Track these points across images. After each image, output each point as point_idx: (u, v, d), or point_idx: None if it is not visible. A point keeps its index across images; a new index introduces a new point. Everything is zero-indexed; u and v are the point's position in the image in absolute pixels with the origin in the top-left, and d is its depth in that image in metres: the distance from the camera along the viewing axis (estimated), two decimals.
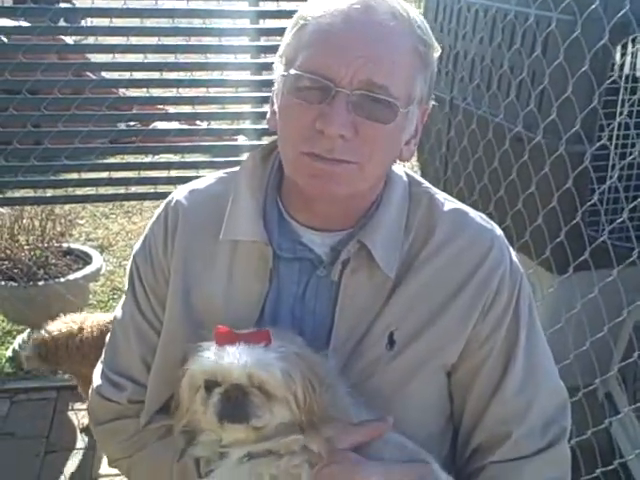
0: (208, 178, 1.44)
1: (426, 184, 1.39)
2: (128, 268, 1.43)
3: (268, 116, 1.32)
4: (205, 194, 1.40)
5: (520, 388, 1.32)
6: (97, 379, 1.42)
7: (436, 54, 1.26)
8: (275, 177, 1.37)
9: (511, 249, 1.38)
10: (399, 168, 1.38)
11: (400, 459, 1.22)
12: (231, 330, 1.16)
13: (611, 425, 2.41)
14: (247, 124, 4.11)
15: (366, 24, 1.17)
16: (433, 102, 1.31)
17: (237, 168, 1.41)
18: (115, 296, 4.71)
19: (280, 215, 1.35)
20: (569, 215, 2.45)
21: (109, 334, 1.45)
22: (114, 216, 6.06)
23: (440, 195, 1.38)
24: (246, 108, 4.01)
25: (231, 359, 1.11)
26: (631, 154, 2.38)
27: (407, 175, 1.39)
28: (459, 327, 1.30)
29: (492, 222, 1.38)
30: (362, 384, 1.26)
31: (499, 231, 1.37)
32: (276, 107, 1.27)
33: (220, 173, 1.44)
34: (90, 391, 1.43)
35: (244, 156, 3.82)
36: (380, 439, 1.21)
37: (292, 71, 1.19)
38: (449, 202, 1.37)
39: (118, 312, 1.44)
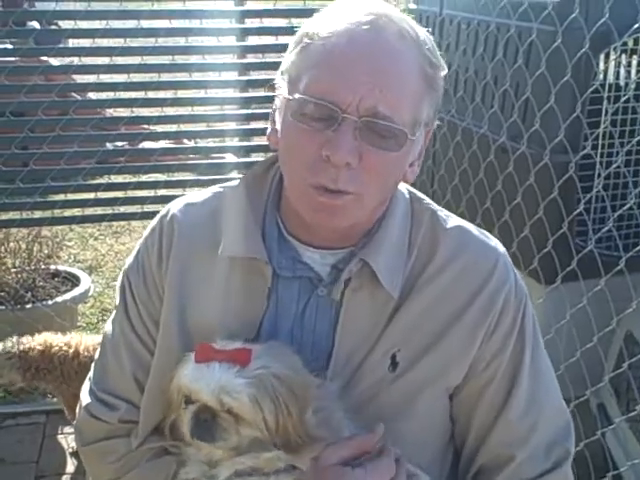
0: (205, 192, 1.40)
1: (427, 200, 1.36)
2: (119, 282, 1.39)
3: (268, 132, 1.28)
4: (202, 208, 1.36)
5: (525, 410, 1.29)
6: (86, 397, 1.37)
7: (443, 74, 1.22)
8: (275, 193, 1.34)
9: (514, 268, 1.34)
10: (401, 185, 1.34)
11: None
12: (211, 347, 1.15)
13: (604, 436, 2.39)
14: (235, 141, 4.10)
15: (373, 45, 1.13)
16: (437, 122, 1.28)
17: (234, 183, 1.38)
18: (104, 317, 4.66)
19: (279, 232, 1.31)
20: (556, 225, 2.44)
21: (98, 350, 1.41)
22: (102, 237, 6.03)
23: (442, 212, 1.35)
24: (232, 125, 4.00)
25: (202, 381, 1.11)
26: (616, 162, 2.37)
27: (409, 191, 1.36)
28: (464, 348, 1.27)
29: (495, 239, 1.35)
30: (364, 406, 1.23)
31: (502, 249, 1.34)
32: (278, 125, 1.23)
33: (217, 187, 1.40)
34: (78, 409, 1.39)
35: (232, 174, 3.82)
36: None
37: (297, 95, 1.15)
38: (451, 219, 1.34)
39: (108, 328, 1.40)
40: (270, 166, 1.36)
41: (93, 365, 1.41)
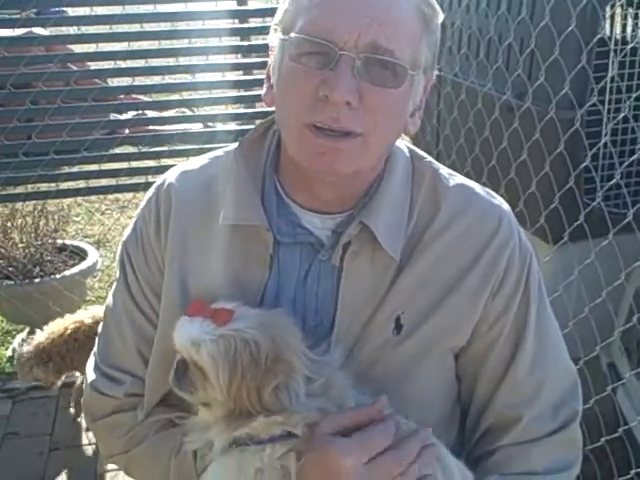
0: (201, 159, 1.37)
1: (429, 158, 1.32)
2: (118, 255, 1.37)
3: (264, 92, 1.25)
4: (199, 176, 1.33)
5: (530, 370, 1.27)
6: (91, 373, 1.37)
7: (439, 20, 1.19)
8: (273, 156, 1.30)
9: (519, 226, 1.32)
10: (400, 142, 1.31)
11: None
12: (202, 304, 1.15)
13: (615, 393, 2.37)
14: (241, 108, 4.06)
15: None
16: (437, 72, 1.25)
17: (230, 148, 1.35)
18: None
19: (278, 196, 1.28)
20: (563, 182, 2.39)
21: (101, 324, 1.40)
22: (109, 212, 6.03)
23: (444, 170, 1.31)
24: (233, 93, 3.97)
25: (181, 332, 1.14)
26: (623, 117, 2.32)
27: (409, 149, 1.32)
28: (468, 308, 1.24)
29: (499, 197, 1.32)
30: (368, 371, 1.22)
31: (507, 207, 1.31)
32: (273, 80, 1.20)
33: (213, 154, 1.37)
34: (84, 386, 1.39)
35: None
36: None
37: (292, 35, 1.12)
38: (454, 177, 1.31)
39: (110, 302, 1.38)
40: (267, 130, 1.33)
41: (97, 340, 1.40)
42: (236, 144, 1.34)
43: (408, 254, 1.23)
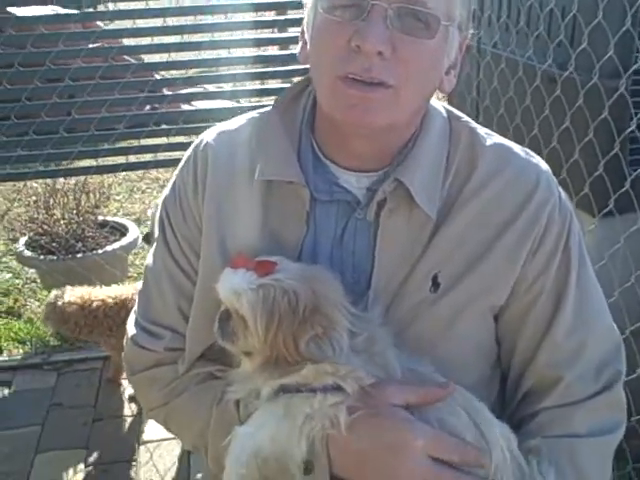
0: (239, 119, 1.37)
1: (466, 118, 1.31)
2: (157, 214, 1.39)
3: (299, 49, 1.27)
4: (236, 135, 1.34)
5: (571, 330, 1.26)
6: (132, 328, 1.39)
7: None
8: (309, 115, 1.31)
9: (559, 186, 1.30)
10: (437, 102, 1.30)
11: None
12: (245, 257, 1.17)
13: None
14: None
15: None
16: (476, 44, 1.24)
17: (267, 108, 1.35)
18: None
19: (315, 155, 1.29)
20: (607, 150, 2.34)
21: (141, 282, 1.42)
22: (149, 190, 6.10)
23: (482, 129, 1.30)
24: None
25: (225, 283, 1.16)
26: None
27: (446, 109, 1.31)
28: (507, 267, 1.23)
29: (537, 156, 1.31)
30: (406, 329, 1.22)
31: (545, 166, 1.29)
32: (307, 36, 1.21)
33: (250, 114, 1.37)
34: (125, 341, 1.41)
35: None
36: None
37: None
38: (491, 137, 1.30)
39: (149, 260, 1.40)
40: (302, 90, 1.33)
41: (137, 297, 1.42)
42: (272, 105, 1.35)
43: (445, 213, 1.23)
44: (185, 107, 4.34)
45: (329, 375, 1.14)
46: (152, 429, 3.26)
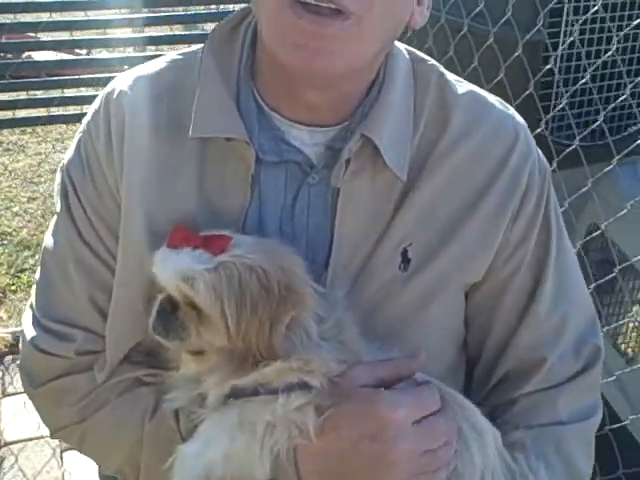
0: (157, 63, 1.12)
1: (432, 61, 1.13)
2: (57, 183, 1.12)
3: None
4: (157, 82, 1.09)
5: (553, 305, 1.12)
6: (30, 329, 1.11)
7: None
8: (248, 56, 1.08)
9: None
10: (398, 43, 1.10)
11: None
12: (186, 230, 0.96)
13: None
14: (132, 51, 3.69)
15: None
16: None
17: (195, 48, 1.11)
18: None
19: (258, 106, 1.06)
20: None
21: (38, 271, 1.14)
22: None
23: (450, 75, 1.12)
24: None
25: (165, 266, 0.95)
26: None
27: (408, 51, 1.12)
28: (486, 236, 1.08)
29: (511, 107, 1.15)
30: (372, 313, 1.04)
31: (520, 117, 1.14)
32: None
33: (170, 56, 1.13)
34: (21, 345, 1.13)
35: None
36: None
37: None
38: (461, 83, 1.12)
39: (49, 242, 1.13)
40: (239, 22, 1.10)
41: (34, 289, 1.14)
42: (197, 46, 1.12)
43: (414, 174, 1.05)
44: None
45: (294, 371, 0.94)
46: (14, 428, 2.89)
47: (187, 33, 3.88)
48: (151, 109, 1.06)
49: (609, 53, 2.11)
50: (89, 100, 1.19)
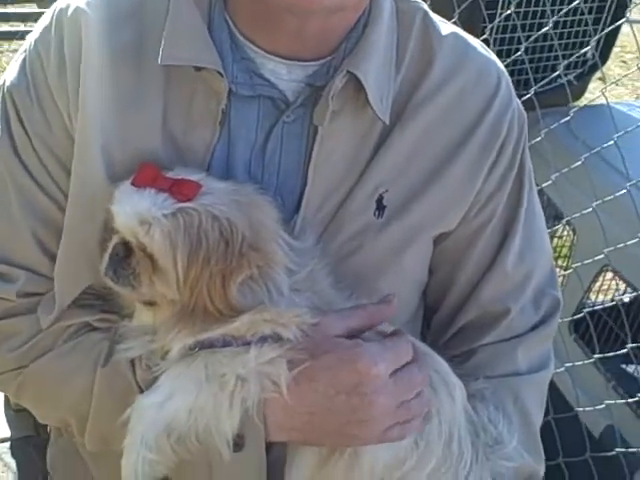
0: None
1: None
2: None
3: None
4: (120, 1, 0.97)
5: (520, 258, 1.10)
6: None
7: None
8: None
9: None
10: None
11: None
12: (155, 170, 0.88)
13: None
14: None
15: None
16: None
17: None
18: None
19: (231, 35, 0.97)
20: None
21: None
22: None
23: (434, 15, 1.06)
24: None
25: (123, 206, 0.88)
26: None
27: None
28: (465, 186, 1.04)
29: (492, 53, 1.11)
30: (342, 261, 0.99)
31: (500, 64, 1.10)
32: None
33: None
34: None
35: None
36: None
37: None
38: (446, 24, 1.07)
39: None
40: None
41: None
42: None
43: (395, 117, 1.00)
44: None
45: (267, 323, 0.89)
46: None
47: None
48: (112, 31, 0.95)
49: None
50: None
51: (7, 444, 2.39)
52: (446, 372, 1.01)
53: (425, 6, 1.07)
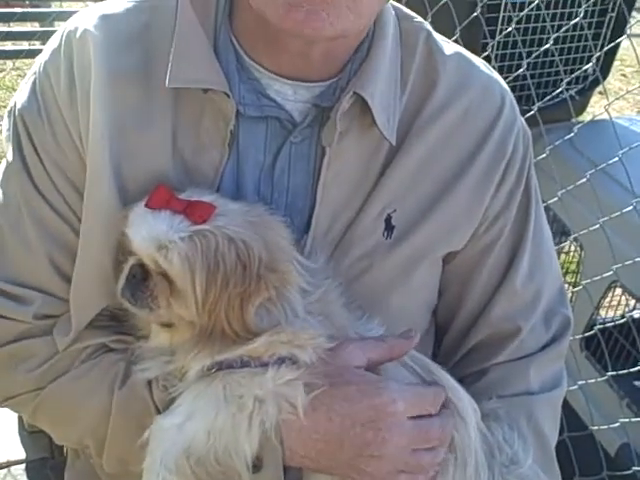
0: (122, 3, 1.00)
1: (419, 18, 1.07)
2: (7, 129, 0.99)
3: None
4: (126, 23, 0.98)
5: (529, 276, 1.11)
6: None
7: None
8: (227, 1, 0.98)
9: None
10: None
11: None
12: (169, 192, 0.88)
13: None
14: None
15: None
16: None
17: None
18: None
19: (237, 57, 0.98)
20: None
21: None
22: None
23: (437, 34, 1.07)
24: None
25: (140, 229, 0.88)
26: None
27: (393, 7, 1.06)
28: (472, 204, 1.05)
29: (495, 71, 1.12)
30: (353, 282, 1.00)
31: (504, 83, 1.11)
32: None
33: None
34: None
35: None
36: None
37: None
38: (449, 43, 1.08)
39: None
40: None
41: None
42: None
43: (401, 137, 1.01)
44: None
45: (284, 345, 0.89)
46: None
47: None
48: (120, 52, 0.95)
49: None
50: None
51: (22, 466, 2.38)
52: (458, 398, 1.01)
53: (428, 26, 1.08)
